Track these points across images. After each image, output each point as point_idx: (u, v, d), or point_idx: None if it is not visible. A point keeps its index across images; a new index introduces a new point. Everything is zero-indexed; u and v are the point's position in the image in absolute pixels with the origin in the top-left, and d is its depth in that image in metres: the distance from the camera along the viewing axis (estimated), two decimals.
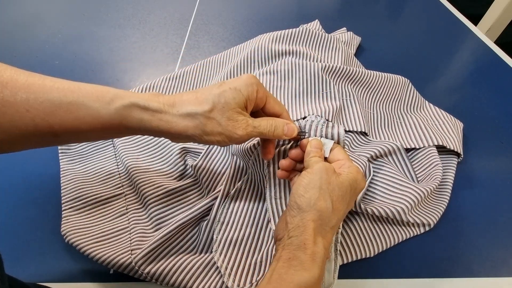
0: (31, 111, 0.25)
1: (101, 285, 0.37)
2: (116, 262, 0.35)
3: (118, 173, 0.46)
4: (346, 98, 0.51)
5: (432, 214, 0.42)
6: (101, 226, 0.40)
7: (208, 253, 0.38)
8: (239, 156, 0.43)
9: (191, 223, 0.40)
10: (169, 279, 0.35)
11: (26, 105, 0.25)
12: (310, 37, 0.62)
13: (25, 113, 0.25)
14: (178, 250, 0.38)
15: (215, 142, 0.29)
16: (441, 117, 0.53)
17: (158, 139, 0.47)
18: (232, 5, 0.83)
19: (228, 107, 0.28)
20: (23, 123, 0.25)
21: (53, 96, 0.26)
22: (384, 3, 0.90)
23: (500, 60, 0.70)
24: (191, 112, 0.28)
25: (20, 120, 0.25)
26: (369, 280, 0.38)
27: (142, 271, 0.35)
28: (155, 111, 0.28)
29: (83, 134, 0.28)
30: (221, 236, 0.37)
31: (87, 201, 0.42)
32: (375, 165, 0.45)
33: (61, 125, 0.26)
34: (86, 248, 0.36)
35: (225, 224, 0.38)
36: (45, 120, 0.26)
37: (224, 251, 0.37)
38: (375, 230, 0.41)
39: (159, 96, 0.29)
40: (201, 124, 0.28)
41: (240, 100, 0.29)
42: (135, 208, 0.42)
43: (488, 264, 0.39)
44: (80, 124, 0.27)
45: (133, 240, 0.38)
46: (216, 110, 0.28)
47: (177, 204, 0.42)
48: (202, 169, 0.44)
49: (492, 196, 0.46)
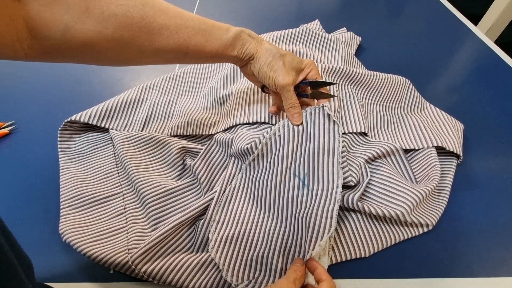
0: (179, 33, 0.35)
1: (101, 285, 0.37)
2: (113, 261, 0.35)
3: (116, 172, 0.46)
4: (346, 99, 0.51)
5: (431, 215, 0.42)
6: (98, 225, 0.40)
7: (204, 252, 0.38)
8: (237, 157, 0.43)
9: (188, 222, 0.40)
10: (166, 278, 0.35)
11: (178, 29, 0.35)
12: (310, 37, 0.62)
13: (175, 34, 0.35)
14: (175, 249, 0.38)
15: (267, 76, 0.40)
16: (442, 118, 0.53)
17: (157, 138, 0.47)
18: (232, 5, 0.83)
19: (292, 63, 0.41)
20: (173, 42, 0.35)
21: (194, 23, 0.36)
22: (384, 3, 0.90)
23: (500, 60, 0.70)
24: (272, 48, 0.40)
25: (171, 39, 0.35)
26: (369, 280, 0.38)
27: (138, 270, 0.35)
28: (253, 38, 0.40)
29: (203, 55, 0.38)
30: (217, 235, 0.38)
31: (86, 200, 0.42)
32: (373, 166, 0.45)
33: (195, 45, 0.36)
34: (83, 247, 0.36)
35: (221, 223, 0.39)
36: (186, 41, 0.36)
37: (221, 248, 0.37)
38: (371, 230, 0.41)
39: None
40: (273, 56, 0.40)
41: (298, 65, 0.42)
42: (133, 208, 0.42)
43: (488, 264, 0.39)
44: (207, 46, 0.37)
45: (130, 240, 0.38)
46: (287, 56, 0.41)
47: (175, 204, 0.42)
48: (200, 169, 0.44)
49: (492, 196, 0.46)
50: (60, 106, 0.56)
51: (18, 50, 0.29)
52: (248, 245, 0.38)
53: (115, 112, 0.51)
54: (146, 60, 0.37)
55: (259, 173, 0.41)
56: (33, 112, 0.55)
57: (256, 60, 0.40)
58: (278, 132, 0.41)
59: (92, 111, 0.49)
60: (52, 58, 0.32)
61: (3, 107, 0.56)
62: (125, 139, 0.47)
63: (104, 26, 0.31)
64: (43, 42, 0.29)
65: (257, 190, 0.41)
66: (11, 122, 0.53)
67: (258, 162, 0.42)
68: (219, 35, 0.38)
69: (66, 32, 0.29)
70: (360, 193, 0.40)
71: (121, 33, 0.32)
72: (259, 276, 0.36)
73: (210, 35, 0.37)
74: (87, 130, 0.51)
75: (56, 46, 0.30)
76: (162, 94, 0.56)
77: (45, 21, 0.28)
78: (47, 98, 0.58)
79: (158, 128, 0.51)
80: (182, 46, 0.36)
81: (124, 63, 0.37)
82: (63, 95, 0.58)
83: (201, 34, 0.36)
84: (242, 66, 0.43)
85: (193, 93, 0.58)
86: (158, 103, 0.53)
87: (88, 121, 0.48)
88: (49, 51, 0.31)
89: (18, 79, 0.61)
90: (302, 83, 0.42)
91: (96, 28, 0.31)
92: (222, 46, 0.38)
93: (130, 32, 0.33)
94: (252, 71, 0.42)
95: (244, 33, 0.39)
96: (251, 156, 0.41)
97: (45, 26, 0.29)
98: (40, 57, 0.31)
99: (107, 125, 0.49)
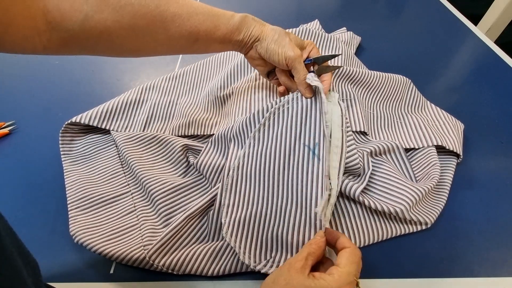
0: (191, 20, 0.37)
1: (101, 285, 0.37)
2: (130, 258, 0.36)
3: (123, 172, 0.46)
4: (346, 98, 0.51)
5: (430, 213, 0.42)
6: (110, 224, 0.40)
7: (219, 239, 0.39)
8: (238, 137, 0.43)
9: (199, 213, 0.40)
10: (185, 268, 0.36)
11: (190, 16, 0.37)
12: (310, 36, 0.62)
13: (187, 21, 0.37)
14: (190, 241, 0.39)
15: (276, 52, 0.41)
16: (442, 117, 0.53)
17: (159, 137, 0.47)
18: (232, 5, 0.83)
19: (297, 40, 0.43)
20: (184, 29, 0.37)
21: (204, 10, 0.38)
22: (384, 3, 0.90)
23: (500, 60, 0.70)
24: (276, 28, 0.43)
25: (183, 26, 0.37)
26: (369, 280, 0.38)
27: (157, 264, 0.36)
28: (257, 21, 0.42)
29: (212, 41, 0.40)
30: (229, 219, 0.38)
31: (94, 201, 0.42)
32: (374, 163, 0.45)
33: (205, 31, 0.38)
34: (97, 247, 0.36)
35: (231, 206, 0.38)
36: (197, 27, 0.38)
37: (235, 232, 0.37)
38: (370, 222, 0.41)
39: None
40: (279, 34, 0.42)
41: (301, 43, 0.44)
42: (142, 206, 0.42)
43: (488, 264, 0.39)
44: (216, 31, 0.39)
45: (144, 236, 0.38)
46: (291, 34, 0.43)
47: (184, 199, 0.42)
48: (204, 164, 0.44)
49: (492, 196, 0.46)
50: (60, 106, 0.56)
51: (37, 43, 0.30)
52: (262, 224, 0.37)
53: (115, 113, 0.51)
54: (159, 49, 0.39)
55: (264, 146, 0.40)
56: (33, 112, 0.55)
57: (263, 40, 0.42)
58: (287, 105, 0.41)
59: (92, 113, 0.49)
60: (69, 50, 0.33)
61: (3, 107, 0.56)
62: (127, 139, 0.47)
63: (121, 15, 0.32)
64: (62, 34, 0.30)
65: (263, 164, 0.39)
66: (11, 122, 0.53)
67: (263, 133, 0.41)
68: (226, 19, 0.40)
69: (85, 22, 0.31)
70: (363, 186, 0.40)
71: (137, 21, 0.34)
72: (276, 255, 0.36)
73: (218, 20, 0.39)
74: (88, 132, 0.51)
75: (75, 37, 0.31)
76: (162, 94, 0.56)
77: (64, 12, 0.29)
78: (47, 98, 0.58)
79: (159, 129, 0.50)
80: (194, 32, 0.38)
81: (137, 52, 0.39)
82: (63, 95, 0.58)
83: (210, 20, 0.38)
84: (247, 52, 0.44)
85: (194, 93, 0.58)
86: (158, 104, 0.53)
87: (88, 123, 0.48)
88: (67, 43, 0.31)
89: (18, 79, 0.61)
90: (306, 61, 0.43)
91: (113, 17, 0.32)
92: (229, 30, 0.40)
93: (145, 21, 0.34)
94: (258, 54, 0.43)
95: (248, 17, 0.42)
96: (255, 127, 0.41)
97: (64, 18, 0.30)
98: (58, 50, 0.32)
99: (108, 127, 0.49)
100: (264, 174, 0.39)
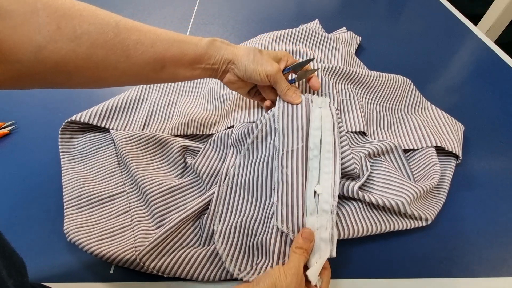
0: (154, 47, 0.35)
1: (101, 285, 0.37)
2: (121, 259, 0.35)
3: (119, 171, 0.46)
4: (346, 99, 0.51)
5: (430, 210, 0.42)
6: (104, 224, 0.40)
7: (210, 245, 0.38)
8: (235, 146, 0.43)
9: (193, 218, 0.40)
10: (175, 272, 0.36)
11: (153, 43, 0.35)
12: (310, 36, 0.62)
13: (150, 48, 0.35)
14: (181, 244, 0.39)
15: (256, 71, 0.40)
16: (442, 118, 0.53)
17: (158, 137, 0.47)
18: (232, 5, 0.83)
19: (271, 54, 0.42)
20: (148, 56, 0.35)
21: (168, 36, 0.36)
22: (384, 3, 0.90)
23: (500, 60, 0.70)
24: (249, 47, 0.41)
25: (147, 53, 0.35)
26: (369, 280, 0.38)
27: (147, 267, 0.36)
28: (227, 44, 0.41)
29: (181, 66, 0.38)
30: (221, 226, 0.38)
31: (89, 200, 0.42)
32: (372, 163, 0.45)
33: (171, 57, 0.37)
34: (89, 246, 0.36)
35: (224, 214, 0.39)
36: (162, 53, 0.36)
37: (225, 240, 0.37)
38: (369, 215, 0.40)
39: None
40: (254, 54, 0.40)
41: (276, 56, 0.43)
42: (137, 206, 0.42)
43: (488, 264, 0.39)
44: (183, 56, 0.37)
45: (136, 237, 0.38)
46: (263, 50, 0.42)
47: (178, 201, 0.42)
48: (202, 166, 0.44)
49: (492, 196, 0.46)
50: (60, 106, 0.56)
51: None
52: (249, 232, 0.38)
53: (115, 112, 0.51)
54: (124, 78, 0.36)
55: (258, 157, 0.40)
56: (33, 112, 0.55)
57: (238, 62, 0.40)
58: (272, 118, 0.40)
59: (92, 111, 0.49)
60: (24, 83, 0.31)
61: (3, 107, 0.56)
62: (125, 138, 0.47)
63: (78, 44, 0.30)
64: (14, 66, 0.28)
65: (255, 175, 0.40)
66: (11, 122, 0.53)
67: (257, 146, 0.41)
68: (194, 44, 0.38)
69: (38, 53, 0.29)
70: (361, 183, 0.40)
71: (95, 50, 0.32)
72: (259, 262, 0.36)
73: (185, 46, 0.37)
74: (87, 130, 0.51)
75: (29, 69, 0.29)
76: (162, 94, 0.56)
77: (15, 43, 0.27)
78: (47, 98, 0.58)
79: (158, 128, 0.51)
80: (159, 59, 0.36)
81: (99, 83, 0.36)
82: (63, 95, 0.58)
83: (176, 45, 0.37)
84: (223, 77, 0.42)
85: (193, 93, 0.58)
86: (158, 103, 0.53)
87: (88, 121, 0.48)
88: (21, 76, 0.29)
89: None
90: (285, 71, 0.43)
91: (69, 47, 0.30)
92: (198, 55, 0.38)
93: (105, 50, 0.32)
94: (235, 77, 0.42)
95: (216, 41, 0.40)
96: (249, 139, 0.41)
97: (16, 49, 0.28)
98: (12, 84, 0.30)
99: (107, 125, 0.49)
100: (256, 184, 0.40)
